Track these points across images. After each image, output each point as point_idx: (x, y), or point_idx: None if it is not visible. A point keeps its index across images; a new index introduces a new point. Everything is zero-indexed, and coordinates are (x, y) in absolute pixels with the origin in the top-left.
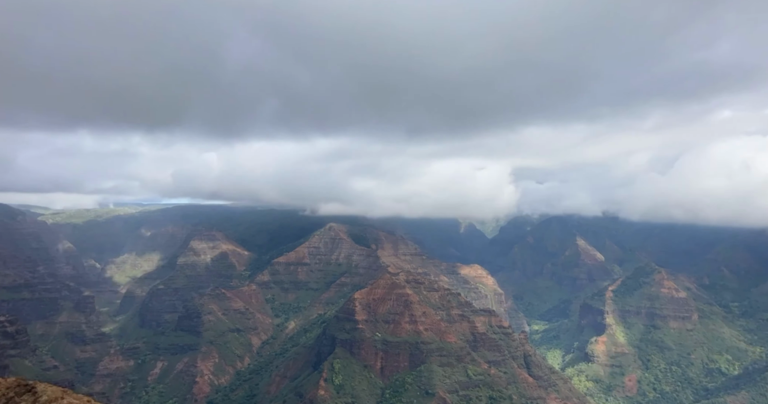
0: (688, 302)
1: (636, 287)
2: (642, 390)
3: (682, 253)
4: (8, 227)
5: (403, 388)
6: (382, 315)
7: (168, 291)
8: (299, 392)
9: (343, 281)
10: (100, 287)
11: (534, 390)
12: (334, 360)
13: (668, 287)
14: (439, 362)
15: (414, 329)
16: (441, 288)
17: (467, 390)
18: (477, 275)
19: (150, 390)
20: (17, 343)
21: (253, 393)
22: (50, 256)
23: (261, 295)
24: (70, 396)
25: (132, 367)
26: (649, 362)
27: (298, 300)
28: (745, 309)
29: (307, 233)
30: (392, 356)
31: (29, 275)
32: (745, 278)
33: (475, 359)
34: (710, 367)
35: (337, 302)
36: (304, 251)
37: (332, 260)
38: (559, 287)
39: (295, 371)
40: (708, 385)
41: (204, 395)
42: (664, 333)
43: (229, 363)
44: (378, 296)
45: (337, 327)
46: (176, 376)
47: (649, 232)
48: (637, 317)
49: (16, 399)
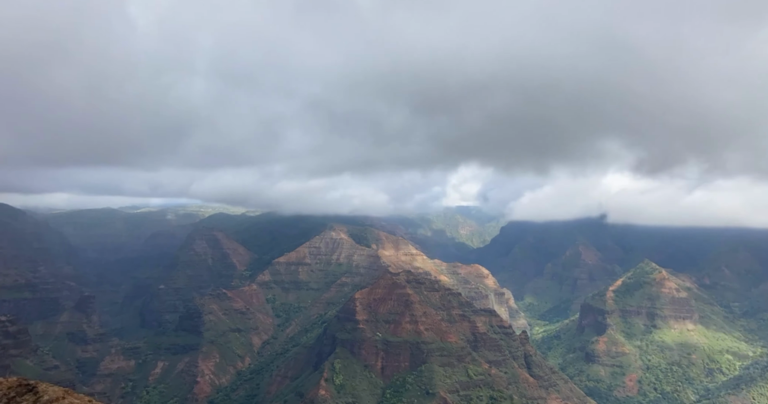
0: (689, 302)
1: (637, 287)
2: (643, 390)
3: (683, 253)
4: (9, 227)
5: (403, 388)
6: (383, 315)
7: (169, 291)
8: (300, 392)
9: (343, 281)
10: (101, 287)
11: (535, 390)
12: (334, 360)
13: (669, 288)
14: (439, 362)
15: (415, 329)
16: (442, 288)
17: (468, 390)
18: (478, 275)
19: (151, 390)
20: (18, 343)
21: (254, 393)
22: (51, 256)
23: (262, 295)
24: (72, 395)
25: (133, 367)
26: (650, 362)
27: (299, 300)
28: (746, 309)
29: (308, 234)
30: (393, 356)
31: (30, 275)
32: (745, 278)
33: (475, 359)
34: (711, 367)
35: (337, 302)
36: (305, 251)
37: (333, 260)
38: (560, 287)
39: (296, 371)
40: (709, 385)
41: (205, 395)
42: (664, 333)
43: (229, 363)
44: (379, 296)
45: (338, 326)
46: (177, 376)
47: (649, 232)
48: (637, 317)
49: (18, 398)
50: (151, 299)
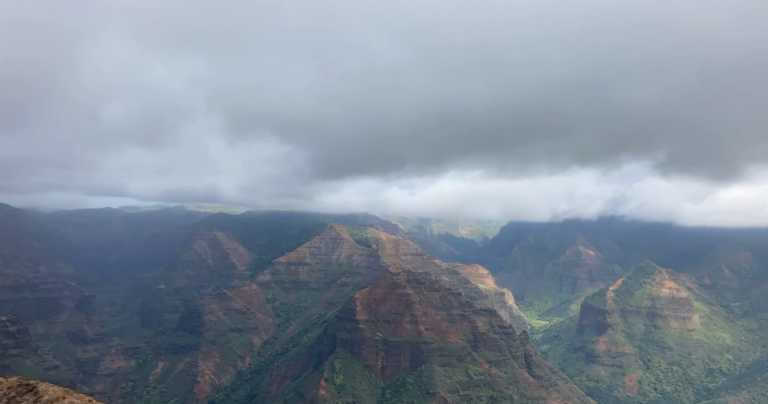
0: (689, 302)
1: (637, 287)
2: (643, 390)
3: (683, 253)
4: (10, 227)
5: (403, 388)
6: (383, 315)
7: (169, 291)
8: (300, 392)
9: (343, 281)
10: (101, 287)
11: (535, 390)
12: (335, 360)
13: (669, 287)
14: (440, 362)
15: (415, 329)
16: (442, 288)
17: (468, 390)
18: (478, 275)
19: (151, 390)
20: (19, 343)
21: (254, 392)
22: (52, 256)
23: (262, 295)
24: (72, 395)
25: (133, 367)
26: (650, 362)
27: (299, 300)
28: (746, 309)
29: (308, 233)
30: (393, 356)
31: (31, 275)
32: (746, 278)
33: (475, 359)
34: (711, 367)
35: (338, 302)
36: (305, 251)
37: (333, 260)
38: (560, 287)
39: (296, 371)
40: (709, 385)
41: (205, 395)
42: (665, 332)
43: (230, 363)
44: (379, 296)
45: (338, 326)
46: (177, 376)
47: (649, 232)
48: (638, 317)
49: (18, 398)
50: (152, 299)
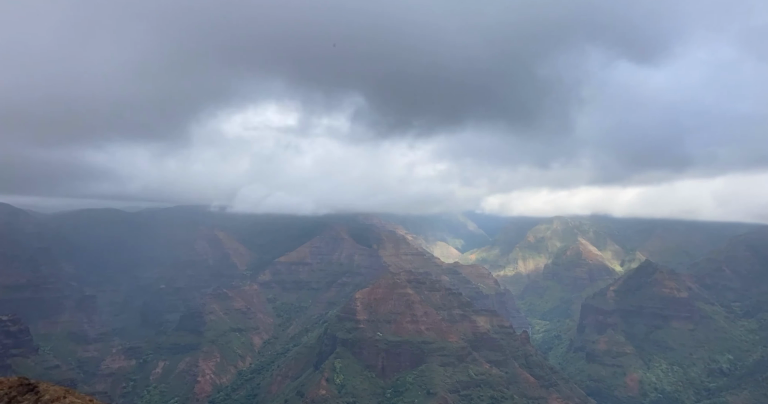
0: (690, 301)
1: (637, 286)
2: (643, 390)
3: (684, 252)
4: (10, 227)
5: (404, 388)
6: (384, 315)
7: (170, 291)
8: (300, 391)
9: (344, 280)
10: (102, 287)
11: (535, 390)
12: (335, 359)
13: (670, 287)
14: (440, 362)
15: (415, 328)
16: (442, 288)
17: (468, 390)
18: (478, 275)
19: (152, 390)
20: (19, 342)
21: (255, 392)
22: (52, 255)
23: (263, 295)
24: (72, 395)
25: (134, 367)
26: (651, 362)
27: (300, 300)
28: (747, 309)
29: (309, 233)
30: (393, 356)
31: (31, 275)
32: (746, 277)
33: (476, 359)
34: (712, 367)
35: (338, 301)
36: (306, 250)
37: (334, 260)
38: (560, 287)
39: (297, 370)
40: (710, 385)
41: (206, 394)
42: (665, 332)
43: (230, 363)
44: (379, 295)
45: (339, 326)
46: (178, 376)
47: (650, 231)
48: (638, 316)
49: (19, 398)
50: (152, 298)
